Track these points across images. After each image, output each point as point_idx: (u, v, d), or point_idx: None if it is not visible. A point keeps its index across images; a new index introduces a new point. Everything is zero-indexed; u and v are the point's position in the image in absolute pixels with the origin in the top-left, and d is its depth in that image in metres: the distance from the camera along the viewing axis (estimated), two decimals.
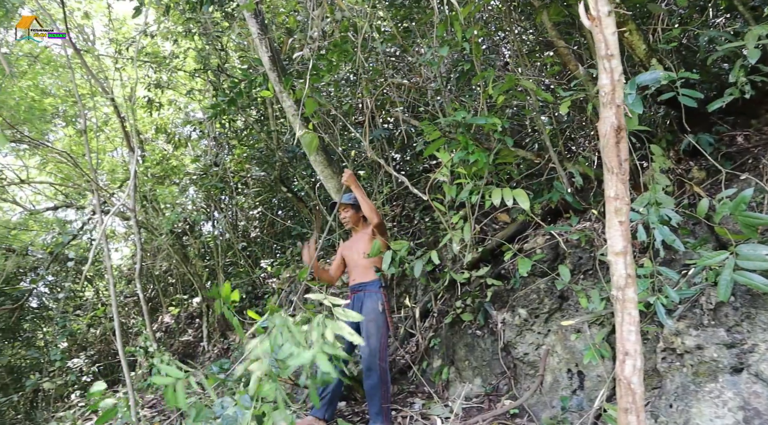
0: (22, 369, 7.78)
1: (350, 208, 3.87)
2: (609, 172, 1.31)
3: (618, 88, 1.27)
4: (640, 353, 1.33)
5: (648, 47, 3.33)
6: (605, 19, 1.25)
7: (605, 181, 1.33)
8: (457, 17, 3.18)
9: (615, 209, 1.30)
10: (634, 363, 1.31)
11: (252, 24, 5.19)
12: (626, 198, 1.30)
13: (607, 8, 1.25)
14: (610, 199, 1.31)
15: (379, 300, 3.47)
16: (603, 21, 1.25)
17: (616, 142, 1.29)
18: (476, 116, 3.27)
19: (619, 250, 1.30)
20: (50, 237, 8.65)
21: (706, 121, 3.65)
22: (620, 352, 1.31)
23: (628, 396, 1.28)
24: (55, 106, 8.73)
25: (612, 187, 1.30)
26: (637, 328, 1.30)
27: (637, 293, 2.43)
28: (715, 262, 2.29)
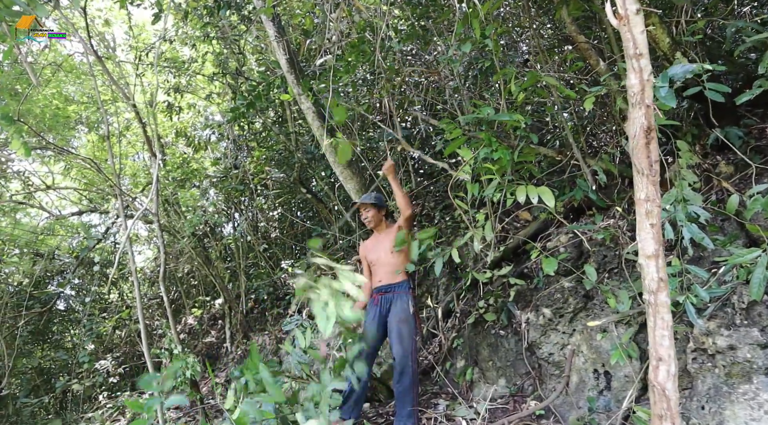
0: (52, 371, 7.95)
1: (371, 207, 3.80)
2: (639, 174, 1.28)
3: (647, 88, 1.24)
4: (674, 358, 1.30)
5: (672, 40, 3.26)
6: (633, 17, 1.22)
7: (635, 183, 1.30)
8: (476, 14, 3.15)
9: (646, 211, 1.27)
10: (668, 368, 1.28)
11: (269, 27, 5.21)
12: (657, 200, 1.27)
13: (635, 7, 1.22)
14: (641, 201, 1.28)
15: (409, 300, 3.43)
16: (631, 20, 1.22)
17: (647, 143, 1.26)
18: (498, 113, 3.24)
19: (650, 253, 1.27)
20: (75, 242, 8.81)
21: (734, 113, 3.56)
22: (653, 357, 1.28)
23: (662, 403, 1.25)
24: (79, 112, 8.89)
25: (643, 189, 1.27)
26: (671, 333, 1.27)
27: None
28: (746, 260, 2.23)
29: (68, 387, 7.11)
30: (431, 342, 4.60)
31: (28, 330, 7.49)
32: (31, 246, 8.72)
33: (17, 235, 8.65)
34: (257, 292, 7.41)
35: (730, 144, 3.07)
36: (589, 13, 3.79)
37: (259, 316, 7.54)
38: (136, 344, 8.24)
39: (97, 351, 8.22)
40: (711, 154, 3.57)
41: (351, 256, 6.08)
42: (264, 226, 8.52)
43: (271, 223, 8.54)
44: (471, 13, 3.21)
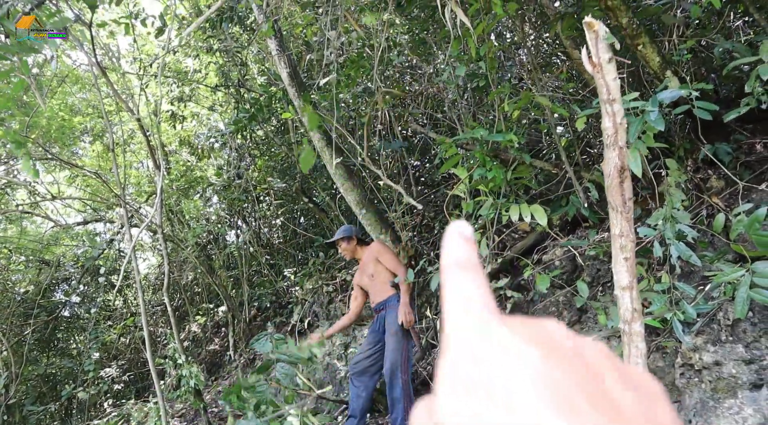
0: (57, 378, 8.05)
1: (341, 241, 3.99)
2: (614, 211, 1.36)
3: (621, 131, 1.32)
4: None
5: (662, 59, 3.34)
6: (606, 65, 1.30)
7: (610, 219, 1.38)
8: (470, 34, 3.23)
9: (620, 246, 1.35)
10: None
11: (271, 42, 5.31)
12: (631, 235, 1.35)
13: (608, 55, 1.30)
14: (615, 236, 1.36)
15: (397, 314, 3.55)
16: (604, 67, 1.31)
17: (620, 182, 1.34)
18: (493, 129, 3.32)
19: (625, 285, 1.35)
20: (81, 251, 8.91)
21: (725, 129, 3.63)
22: None
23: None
24: (84, 123, 9.01)
25: (617, 224, 1.35)
26: (644, 361, 1.35)
27: (655, 309, 2.45)
28: (731, 279, 2.30)
29: (74, 395, 7.20)
30: (430, 353, 4.67)
31: (34, 338, 7.59)
32: (37, 254, 8.84)
33: (23, 244, 8.77)
34: (260, 300, 7.50)
35: (717, 161, 3.14)
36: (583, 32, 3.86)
37: (262, 324, 7.62)
38: (141, 351, 8.34)
39: (102, 359, 8.32)
40: (702, 168, 3.63)
41: (352, 266, 6.16)
42: (266, 234, 8.62)
43: (274, 232, 8.64)
44: (466, 32, 3.30)
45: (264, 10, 4.73)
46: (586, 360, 0.23)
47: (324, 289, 6.10)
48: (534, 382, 0.21)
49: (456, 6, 3.07)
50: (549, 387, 0.20)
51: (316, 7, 5.04)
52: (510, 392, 0.20)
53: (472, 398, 0.21)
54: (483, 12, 3.39)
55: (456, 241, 0.29)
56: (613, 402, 0.21)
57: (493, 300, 0.26)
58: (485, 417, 0.20)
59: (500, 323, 0.24)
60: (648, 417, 0.21)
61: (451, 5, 3.09)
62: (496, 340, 0.23)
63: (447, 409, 0.22)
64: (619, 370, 0.23)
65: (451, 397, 0.22)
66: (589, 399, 0.20)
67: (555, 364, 0.21)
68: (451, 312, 0.26)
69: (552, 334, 0.24)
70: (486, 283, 0.27)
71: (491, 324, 0.24)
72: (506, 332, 0.23)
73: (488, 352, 0.22)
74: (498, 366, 0.22)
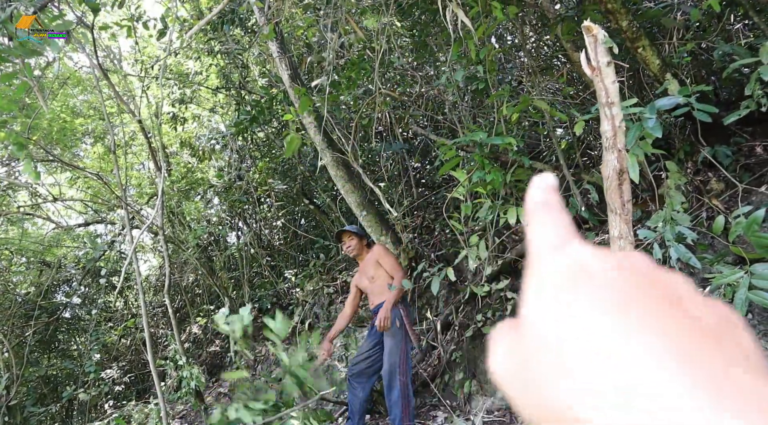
0: (58, 380, 8.05)
1: (355, 236, 3.98)
2: (612, 213, 1.37)
3: (619, 134, 1.33)
4: None
5: (662, 62, 3.35)
6: (605, 69, 1.31)
7: (609, 221, 1.39)
8: (470, 37, 3.25)
9: (619, 248, 1.36)
10: None
11: (272, 44, 5.33)
12: (630, 237, 1.36)
13: (606, 59, 1.31)
14: (614, 238, 1.37)
15: (396, 316, 3.56)
16: (603, 71, 1.31)
17: (619, 185, 1.35)
18: (493, 132, 3.34)
19: None
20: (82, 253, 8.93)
21: (725, 131, 3.64)
22: None
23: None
24: (85, 125, 9.03)
25: (616, 226, 1.36)
26: None
27: None
28: (730, 280, 2.31)
29: (74, 396, 7.21)
30: (431, 355, 4.68)
31: (35, 339, 7.60)
32: (38, 256, 8.85)
33: (25, 245, 8.78)
34: (261, 302, 7.50)
35: (717, 163, 3.15)
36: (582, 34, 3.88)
37: (263, 326, 7.62)
38: (142, 353, 8.34)
39: (103, 360, 8.32)
40: (702, 170, 3.64)
41: (352, 268, 6.17)
42: (267, 236, 8.63)
43: (275, 233, 8.65)
44: (466, 35, 3.31)
45: (265, 13, 4.74)
46: (666, 283, 0.24)
47: (325, 291, 6.11)
48: (611, 297, 0.22)
49: (457, 8, 3.08)
50: (627, 303, 0.22)
51: (316, 9, 5.05)
52: (595, 312, 0.22)
53: (563, 312, 0.22)
54: (483, 15, 3.40)
55: (540, 187, 0.31)
56: (683, 312, 0.22)
57: (577, 235, 0.27)
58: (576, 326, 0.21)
59: (584, 247, 0.26)
60: (732, 336, 0.22)
61: (452, 7, 3.11)
62: (578, 260, 0.24)
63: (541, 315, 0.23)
64: (698, 295, 0.24)
65: (546, 307, 0.23)
66: (669, 315, 0.21)
67: (633, 283, 0.23)
68: (536, 241, 0.27)
69: (634, 261, 0.25)
70: (570, 221, 0.29)
71: (575, 248, 0.26)
72: (590, 254, 0.25)
73: (570, 270, 0.24)
74: (579, 282, 0.23)
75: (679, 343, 0.20)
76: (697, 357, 0.19)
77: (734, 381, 0.19)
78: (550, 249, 0.26)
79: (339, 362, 5.16)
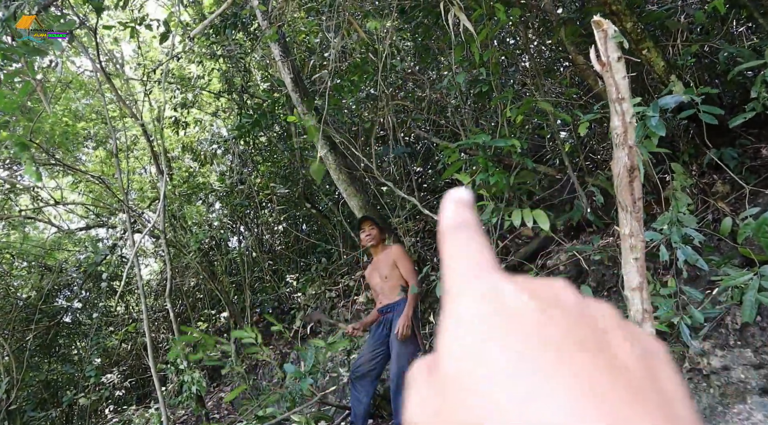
0: (58, 384, 8.02)
1: (376, 226, 3.92)
2: (623, 211, 1.35)
3: (630, 130, 1.31)
4: None
5: (666, 63, 3.33)
6: (615, 64, 1.29)
7: (620, 219, 1.37)
8: (473, 40, 3.24)
9: (630, 246, 1.33)
10: None
11: (274, 47, 5.33)
12: (641, 235, 1.33)
13: (616, 54, 1.30)
14: (625, 236, 1.34)
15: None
16: (613, 66, 1.30)
17: (630, 182, 1.33)
18: (496, 134, 3.32)
19: (635, 286, 1.34)
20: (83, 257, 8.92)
21: (730, 133, 3.62)
22: None
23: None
24: (87, 129, 9.04)
25: (627, 224, 1.34)
26: None
27: (662, 313, 2.43)
28: (739, 282, 2.28)
29: (75, 401, 7.17)
30: None
31: (35, 343, 7.57)
32: (40, 260, 8.83)
33: (26, 249, 8.76)
34: (262, 306, 7.47)
35: (723, 165, 3.13)
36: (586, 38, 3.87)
37: (265, 330, 7.59)
38: (142, 357, 8.30)
39: (104, 365, 8.29)
40: (708, 173, 3.62)
41: (354, 272, 6.15)
42: (268, 240, 8.61)
43: (276, 237, 8.63)
44: (469, 38, 3.30)
45: (268, 16, 4.75)
46: (591, 316, 0.23)
47: (327, 295, 6.08)
48: (529, 338, 0.20)
49: (459, 11, 3.07)
50: (545, 343, 0.20)
51: (319, 12, 5.05)
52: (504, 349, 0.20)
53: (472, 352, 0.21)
54: (486, 18, 3.39)
55: (454, 206, 0.29)
56: (611, 356, 0.20)
57: (494, 259, 0.25)
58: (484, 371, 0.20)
59: (502, 279, 0.24)
60: (652, 376, 0.21)
61: (454, 11, 3.10)
62: (495, 296, 0.23)
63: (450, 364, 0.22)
64: (624, 329, 0.23)
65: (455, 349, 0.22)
66: (585, 352, 0.20)
67: (554, 320, 0.21)
68: (451, 271, 0.25)
69: (557, 292, 0.24)
70: (487, 243, 0.26)
71: (492, 281, 0.23)
72: (509, 288, 0.23)
73: (487, 308, 0.22)
74: (495, 322, 0.21)
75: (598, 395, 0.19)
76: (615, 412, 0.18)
77: None
78: (468, 279, 0.24)
79: (341, 367, 5.12)
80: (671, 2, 4.04)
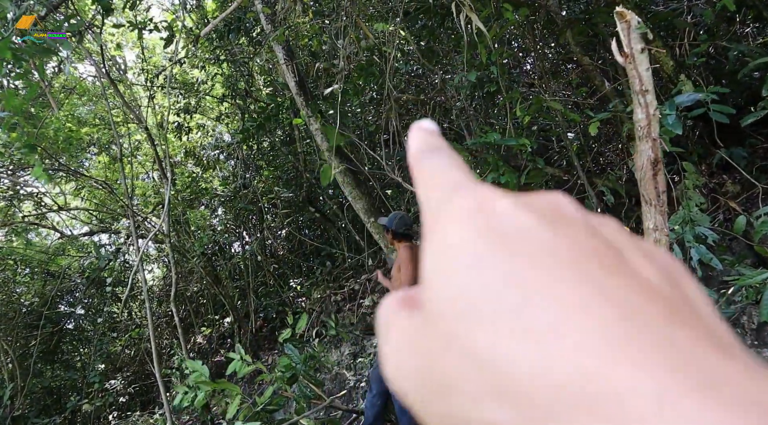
0: (62, 391, 7.98)
1: (385, 230, 3.89)
2: (647, 204, 1.33)
3: (653, 122, 1.29)
4: None
5: (675, 63, 3.32)
6: (638, 55, 1.28)
7: (643, 213, 1.35)
8: (482, 40, 3.23)
9: (654, 241, 1.31)
10: None
11: (278, 50, 5.33)
12: (665, 229, 1.31)
13: (640, 45, 1.28)
14: (649, 230, 1.32)
15: None
16: (637, 58, 1.28)
17: (654, 175, 1.31)
18: (504, 135, 3.30)
19: None
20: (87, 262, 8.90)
21: (739, 133, 3.60)
22: None
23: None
24: (91, 134, 9.04)
25: (651, 218, 1.32)
26: None
27: None
28: (756, 282, 2.26)
29: (78, 407, 7.13)
30: None
31: (39, 350, 7.54)
32: (43, 266, 8.81)
33: (30, 255, 8.75)
34: (266, 311, 7.44)
35: (735, 164, 3.11)
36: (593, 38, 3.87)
37: (268, 335, 7.56)
38: (146, 363, 8.27)
39: (107, 371, 8.26)
40: (717, 173, 3.61)
41: (359, 275, 6.12)
42: (272, 244, 8.59)
43: (280, 242, 8.61)
44: (478, 38, 3.29)
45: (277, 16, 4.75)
46: (600, 231, 0.19)
47: (332, 298, 6.05)
48: (539, 259, 0.17)
49: (471, 12, 3.06)
50: (556, 257, 0.17)
51: (324, 15, 5.06)
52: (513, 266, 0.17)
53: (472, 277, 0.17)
54: (494, 18, 3.39)
55: (420, 133, 0.26)
56: (634, 273, 0.17)
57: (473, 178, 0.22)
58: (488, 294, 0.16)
59: (490, 192, 0.20)
60: (682, 294, 0.17)
61: (465, 11, 3.09)
62: (486, 211, 0.19)
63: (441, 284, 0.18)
64: (637, 244, 0.19)
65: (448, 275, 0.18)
66: (605, 270, 0.16)
67: (564, 237, 0.17)
68: (429, 193, 0.21)
69: (557, 205, 0.20)
70: (463, 163, 0.23)
71: (479, 194, 0.19)
72: (502, 201, 0.19)
73: (479, 226, 0.18)
74: (492, 243, 0.17)
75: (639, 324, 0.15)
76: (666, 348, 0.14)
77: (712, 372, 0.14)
78: (448, 196, 0.20)
79: (347, 371, 5.09)
80: (677, 2, 4.03)
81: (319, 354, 3.46)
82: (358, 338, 5.11)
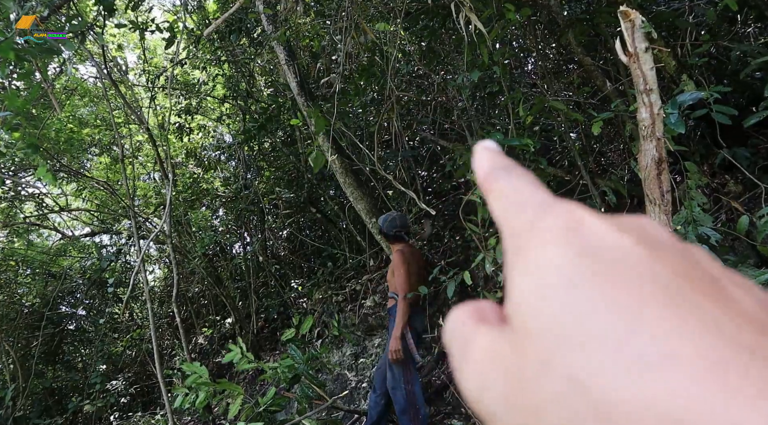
0: (63, 392, 7.98)
1: (380, 232, 3.93)
2: (651, 204, 1.33)
3: (658, 121, 1.29)
4: None
5: (677, 63, 3.32)
6: (643, 55, 1.28)
7: (648, 212, 1.34)
8: (484, 40, 3.23)
9: None
10: None
11: (280, 51, 5.34)
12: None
13: (644, 44, 1.28)
14: None
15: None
16: (641, 57, 1.28)
17: (658, 174, 1.30)
18: (506, 135, 3.30)
19: None
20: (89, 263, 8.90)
21: (741, 133, 3.60)
22: None
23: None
24: (92, 135, 9.05)
25: (655, 218, 1.32)
26: None
27: None
28: (759, 282, 2.25)
29: (80, 408, 7.13)
30: (443, 362, 4.60)
31: (40, 351, 7.54)
32: (44, 267, 8.82)
33: (31, 256, 8.76)
34: (267, 312, 7.44)
35: (737, 164, 3.10)
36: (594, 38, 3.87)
37: (270, 336, 7.56)
38: (147, 364, 8.27)
39: (109, 372, 8.26)
40: (719, 173, 3.60)
41: (361, 276, 6.12)
42: (273, 245, 8.59)
43: (281, 243, 8.61)
44: (479, 38, 3.29)
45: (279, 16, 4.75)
46: (695, 257, 0.18)
47: (333, 299, 6.05)
48: (638, 283, 0.16)
49: (470, 12, 3.06)
50: (658, 283, 0.16)
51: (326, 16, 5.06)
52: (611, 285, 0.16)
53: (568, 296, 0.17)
54: (496, 18, 3.39)
55: (487, 152, 0.25)
56: (735, 302, 0.16)
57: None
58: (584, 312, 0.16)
59: (580, 210, 0.19)
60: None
61: (465, 11, 3.09)
62: (578, 231, 0.18)
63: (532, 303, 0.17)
64: (728, 274, 0.19)
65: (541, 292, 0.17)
66: (709, 298, 0.16)
67: (662, 260, 0.17)
68: (510, 212, 0.21)
69: (648, 228, 0.19)
70: (540, 181, 0.23)
71: (569, 213, 0.19)
72: (594, 221, 0.18)
73: (573, 247, 0.18)
74: (588, 265, 0.17)
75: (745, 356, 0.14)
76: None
77: None
78: (536, 214, 0.20)
79: (349, 371, 5.09)
80: (679, 2, 4.03)
81: (321, 356, 3.46)
82: (359, 339, 5.11)
